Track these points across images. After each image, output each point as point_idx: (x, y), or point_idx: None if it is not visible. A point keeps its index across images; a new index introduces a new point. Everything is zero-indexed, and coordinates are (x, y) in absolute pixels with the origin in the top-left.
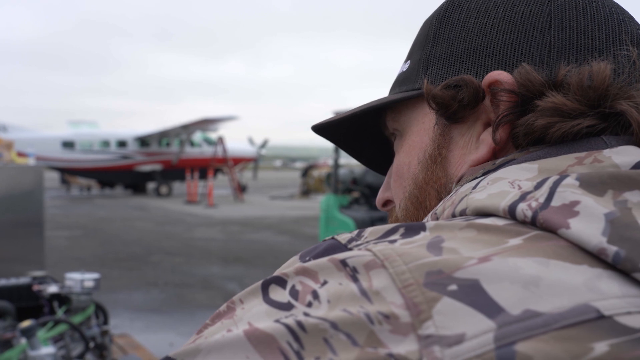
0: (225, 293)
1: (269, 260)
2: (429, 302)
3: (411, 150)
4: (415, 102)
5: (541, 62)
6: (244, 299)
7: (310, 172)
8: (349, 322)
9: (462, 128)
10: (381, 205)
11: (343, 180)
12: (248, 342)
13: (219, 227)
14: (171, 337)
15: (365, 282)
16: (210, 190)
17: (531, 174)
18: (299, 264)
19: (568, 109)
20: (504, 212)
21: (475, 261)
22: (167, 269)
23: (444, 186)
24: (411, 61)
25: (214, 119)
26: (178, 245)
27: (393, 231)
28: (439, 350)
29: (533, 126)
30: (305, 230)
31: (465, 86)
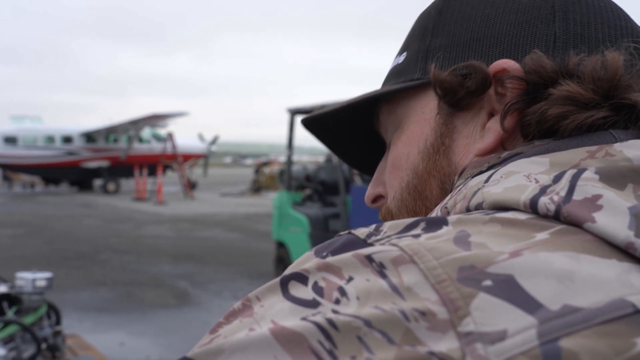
0: (177, 291)
1: (221, 257)
2: (466, 298)
3: (410, 140)
4: (414, 92)
5: (546, 52)
6: (262, 296)
7: (261, 169)
8: (383, 320)
9: (466, 117)
10: (370, 202)
11: (296, 177)
12: (275, 341)
13: (169, 225)
14: (122, 336)
15: (395, 278)
16: (160, 187)
17: (543, 168)
18: (317, 259)
19: (583, 98)
20: (525, 206)
21: (506, 256)
22: (116, 267)
23: (448, 176)
24: (407, 53)
25: (164, 115)
26: (127, 243)
27: (414, 225)
28: (482, 347)
29: (546, 114)
30: (257, 227)
31: (474, 72)
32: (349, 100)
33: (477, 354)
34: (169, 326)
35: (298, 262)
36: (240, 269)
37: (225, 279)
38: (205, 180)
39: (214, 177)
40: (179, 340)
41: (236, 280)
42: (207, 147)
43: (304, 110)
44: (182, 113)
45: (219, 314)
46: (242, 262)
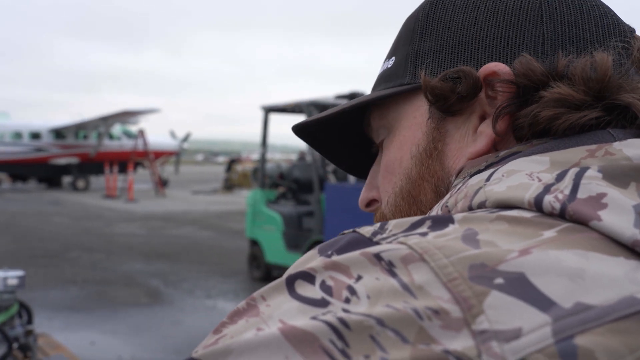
0: (149, 290)
1: (194, 256)
2: (478, 297)
3: (402, 145)
4: (405, 97)
5: (535, 54)
6: (267, 295)
7: (234, 166)
8: (395, 318)
9: (458, 121)
10: (364, 206)
11: (270, 175)
12: (286, 341)
13: (140, 223)
14: (93, 335)
15: (405, 277)
16: (131, 184)
17: (544, 167)
18: (322, 258)
19: (575, 100)
20: (529, 204)
21: (516, 254)
22: (87, 265)
23: (442, 180)
24: (396, 57)
25: (135, 112)
26: (97, 241)
27: (419, 224)
28: (498, 345)
29: (538, 117)
30: (230, 225)
31: (465, 77)
32: (340, 107)
33: (493, 352)
34: (140, 325)
35: (301, 261)
36: (213, 268)
37: (198, 278)
38: (176, 177)
39: (186, 174)
40: (151, 339)
41: (209, 279)
42: (178, 144)
43: (277, 108)
44: (154, 110)
45: (191, 312)
46: (215, 260)
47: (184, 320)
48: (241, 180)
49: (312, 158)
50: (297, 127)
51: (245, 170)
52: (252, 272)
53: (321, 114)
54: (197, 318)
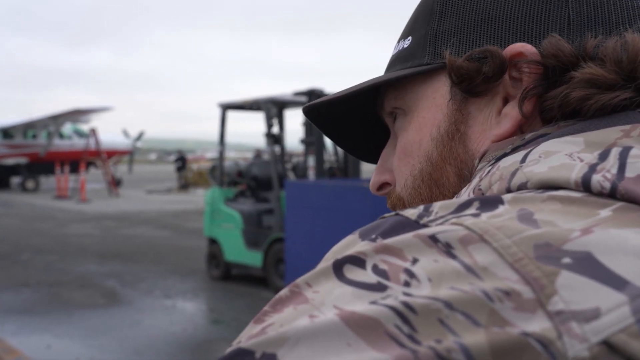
0: (105, 291)
1: (150, 255)
2: (549, 277)
3: (422, 127)
4: (424, 78)
5: (561, 34)
6: (312, 281)
7: (189, 165)
8: (464, 301)
9: (480, 103)
10: (376, 189)
11: (228, 172)
12: (347, 327)
13: (94, 223)
14: (48, 339)
15: (467, 258)
16: (83, 184)
17: (579, 147)
18: (368, 242)
19: (607, 80)
20: (577, 184)
21: (578, 233)
22: (39, 267)
23: (465, 163)
24: (413, 37)
25: (86, 110)
26: (50, 242)
27: (467, 205)
28: (578, 326)
29: (569, 98)
30: (187, 225)
31: (491, 57)
32: (356, 86)
33: (574, 332)
34: (98, 327)
35: (342, 246)
36: (171, 267)
37: (156, 277)
38: (130, 177)
39: (139, 173)
40: (109, 340)
41: (167, 278)
42: (132, 143)
43: (235, 105)
44: (106, 108)
45: (150, 312)
46: (172, 259)
47: (143, 321)
48: (196, 179)
49: (271, 155)
50: (309, 108)
51: (200, 168)
52: (211, 271)
53: (334, 94)
54: (157, 318)
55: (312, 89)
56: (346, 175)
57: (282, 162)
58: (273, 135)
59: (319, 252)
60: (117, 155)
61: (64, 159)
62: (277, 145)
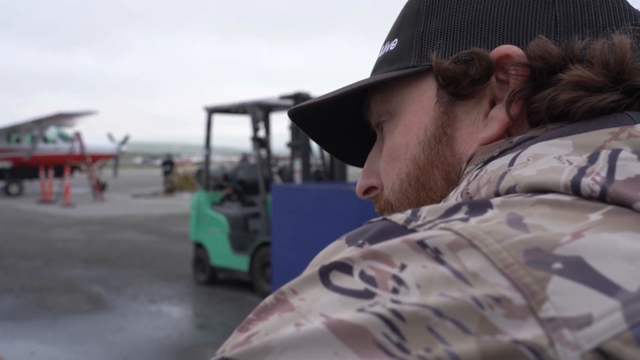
0: (90, 296)
1: (136, 260)
2: (540, 283)
3: (408, 130)
4: (410, 80)
5: (548, 37)
6: (298, 288)
7: (175, 169)
8: (454, 308)
9: (467, 106)
10: (362, 193)
11: (214, 176)
12: (334, 336)
13: (79, 227)
14: (32, 345)
15: (456, 264)
16: (67, 188)
17: (567, 150)
18: (355, 247)
19: (594, 82)
20: (566, 188)
21: (569, 237)
22: (23, 272)
23: (452, 166)
24: (399, 39)
25: (70, 114)
26: (34, 247)
27: (455, 209)
28: (570, 333)
29: (556, 100)
30: (172, 229)
31: (478, 60)
32: (342, 89)
33: (566, 340)
34: (82, 332)
35: (329, 252)
36: (157, 272)
37: (141, 282)
38: (115, 181)
39: (125, 178)
40: (94, 346)
41: (152, 283)
42: (117, 147)
43: (221, 109)
44: (91, 112)
45: (135, 318)
46: (158, 264)
47: (128, 326)
48: (182, 183)
49: (257, 159)
50: (294, 111)
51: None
52: (197, 276)
53: (320, 97)
54: (142, 323)
55: (298, 93)
56: (333, 178)
57: (269, 166)
58: (259, 139)
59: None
60: (102, 159)
61: (49, 163)
62: (263, 148)
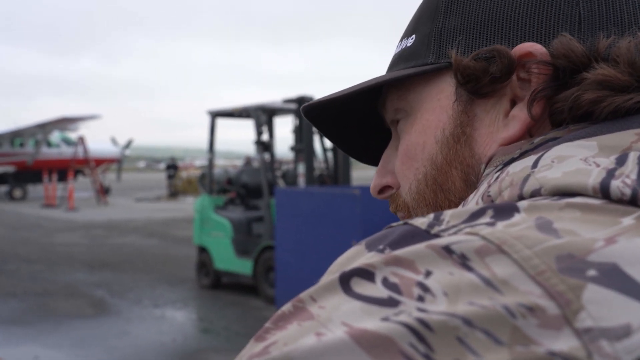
0: (93, 300)
1: (138, 264)
2: (574, 291)
3: (426, 129)
4: (428, 77)
5: (571, 34)
6: (317, 296)
7: (179, 173)
8: (484, 317)
9: (487, 105)
10: (377, 193)
11: (218, 180)
12: (357, 346)
13: (82, 232)
14: (36, 349)
15: (485, 271)
16: (71, 192)
17: (592, 152)
18: (376, 253)
19: (620, 82)
20: (595, 191)
21: (602, 243)
22: (26, 277)
23: (472, 167)
24: (417, 35)
25: (74, 118)
26: (37, 251)
27: (480, 213)
28: (609, 344)
29: (580, 100)
30: (176, 233)
31: (499, 57)
32: (356, 86)
33: (605, 352)
34: (86, 337)
35: (348, 258)
36: (160, 276)
37: (144, 287)
38: (118, 185)
39: (128, 181)
40: (97, 350)
41: (156, 288)
42: (120, 151)
43: (225, 113)
44: (94, 116)
45: (139, 322)
46: (161, 268)
47: (132, 331)
48: (186, 187)
49: (261, 163)
50: (307, 108)
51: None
52: (201, 280)
53: (334, 94)
54: (145, 328)
55: (302, 97)
56: (336, 182)
57: (272, 170)
58: (263, 143)
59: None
60: (106, 163)
61: (52, 168)
62: (267, 152)
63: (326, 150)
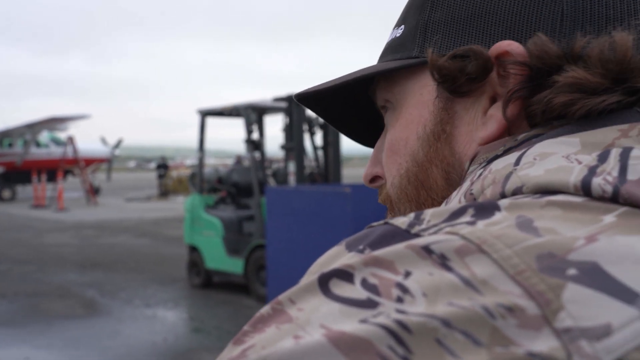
0: (85, 300)
1: (130, 264)
2: (554, 290)
3: (409, 124)
4: (412, 71)
5: (553, 31)
6: (296, 298)
7: (169, 172)
8: (463, 318)
9: (467, 102)
10: (368, 181)
11: (208, 179)
12: (335, 349)
13: (72, 232)
14: (26, 351)
15: (464, 271)
16: (60, 193)
17: (575, 149)
18: (355, 253)
19: (591, 84)
20: (576, 188)
21: (583, 241)
22: (16, 278)
23: (452, 166)
24: (406, 26)
25: (63, 118)
26: (27, 252)
27: (461, 212)
28: (588, 345)
29: (552, 103)
30: (167, 232)
31: (474, 57)
32: (342, 78)
33: (585, 352)
34: (78, 337)
35: (328, 259)
36: (151, 276)
37: (136, 286)
38: (109, 185)
39: (118, 181)
40: (89, 351)
41: (147, 287)
42: (110, 151)
43: (215, 112)
44: (83, 116)
45: (131, 322)
46: (153, 268)
47: (123, 331)
48: (176, 186)
49: (251, 161)
50: (299, 96)
51: (180, 175)
52: (192, 279)
53: (321, 85)
54: (137, 328)
55: (292, 95)
56: (327, 180)
57: (263, 168)
58: (253, 142)
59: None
60: (95, 163)
61: (41, 168)
62: (257, 151)
63: (317, 148)
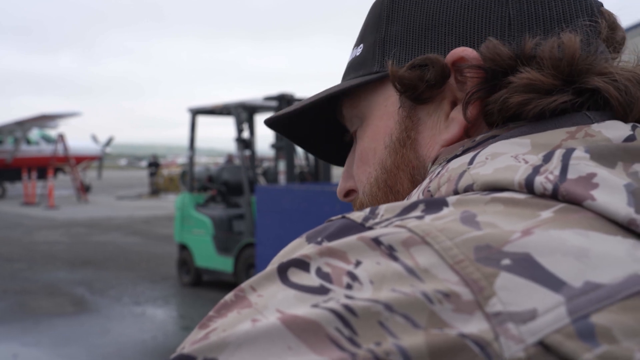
0: (74, 298)
1: (121, 262)
2: (488, 278)
3: (376, 135)
4: (375, 86)
5: (502, 35)
6: (257, 285)
7: (160, 170)
8: (404, 303)
9: (429, 108)
10: (343, 196)
11: (198, 178)
12: (288, 330)
13: (63, 230)
14: (14, 348)
15: (409, 260)
16: (51, 190)
17: (525, 149)
18: (313, 245)
19: (544, 85)
20: (520, 186)
21: (519, 234)
22: (5, 275)
23: (417, 169)
24: (364, 44)
25: (53, 115)
26: (17, 250)
27: (412, 207)
28: (514, 327)
29: (508, 103)
30: (157, 230)
31: (432, 65)
32: (310, 99)
33: (511, 334)
34: (66, 335)
35: (289, 250)
36: (141, 274)
37: (126, 284)
38: (99, 183)
39: (109, 179)
40: (78, 349)
41: (137, 285)
42: (101, 148)
43: (205, 110)
44: (74, 113)
45: (120, 320)
46: (143, 266)
47: (113, 329)
48: (167, 185)
49: (241, 160)
50: (270, 121)
51: (171, 174)
52: (182, 277)
53: (291, 108)
54: (126, 326)
55: (282, 94)
56: (317, 179)
57: (253, 167)
58: (243, 140)
59: None
60: (86, 161)
61: (32, 165)
62: (248, 150)
63: None
